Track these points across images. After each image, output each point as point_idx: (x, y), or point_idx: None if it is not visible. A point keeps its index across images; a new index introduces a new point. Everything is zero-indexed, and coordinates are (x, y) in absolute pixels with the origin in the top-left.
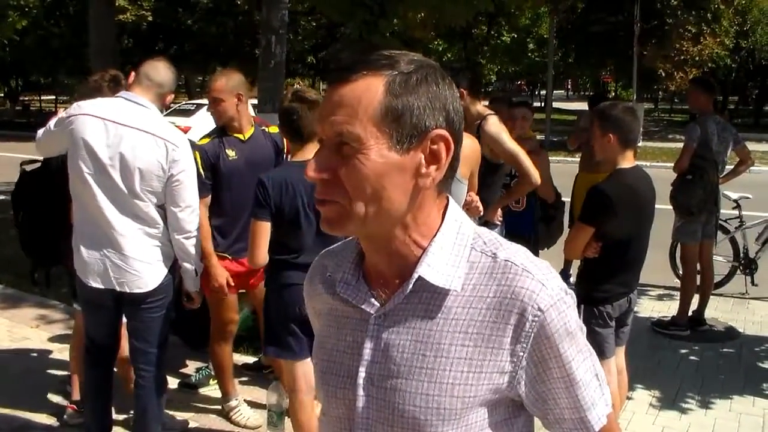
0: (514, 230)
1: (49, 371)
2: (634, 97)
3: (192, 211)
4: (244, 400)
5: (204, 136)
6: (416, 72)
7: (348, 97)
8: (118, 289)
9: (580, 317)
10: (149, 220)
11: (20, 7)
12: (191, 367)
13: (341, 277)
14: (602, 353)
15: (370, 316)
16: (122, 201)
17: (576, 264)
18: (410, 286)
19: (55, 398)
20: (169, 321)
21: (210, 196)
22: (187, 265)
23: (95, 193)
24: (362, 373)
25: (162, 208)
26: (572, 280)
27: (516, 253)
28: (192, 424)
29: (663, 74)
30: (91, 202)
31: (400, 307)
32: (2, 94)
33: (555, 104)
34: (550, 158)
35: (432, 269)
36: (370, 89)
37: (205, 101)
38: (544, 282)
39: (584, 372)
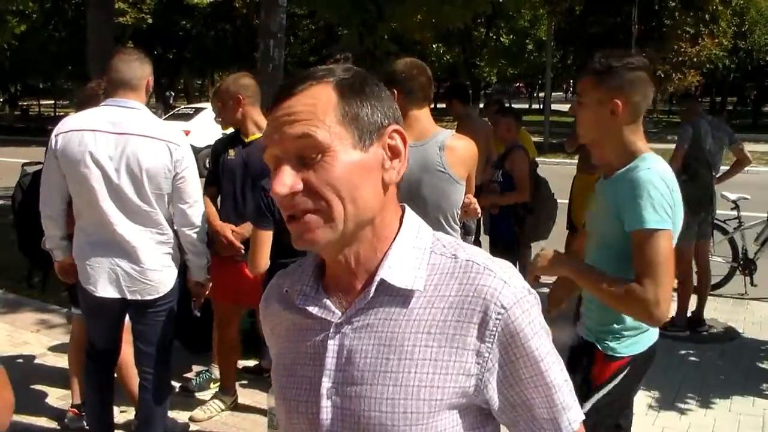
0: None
1: (49, 376)
2: None
3: (198, 205)
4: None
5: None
6: (355, 77)
7: (301, 107)
8: (129, 297)
9: None
10: (159, 228)
11: (19, 12)
12: (192, 371)
13: (299, 290)
14: None
15: (331, 324)
16: (132, 210)
17: None
18: (372, 290)
19: (56, 402)
20: (173, 323)
21: (214, 189)
22: (196, 258)
23: (104, 206)
24: (326, 383)
25: (169, 209)
26: None
27: (477, 253)
28: (193, 427)
29: (661, 75)
30: (101, 214)
31: (362, 312)
32: (1, 100)
33: (554, 106)
34: (549, 160)
35: (393, 271)
36: (322, 96)
37: (203, 105)
38: (507, 280)
39: (555, 374)
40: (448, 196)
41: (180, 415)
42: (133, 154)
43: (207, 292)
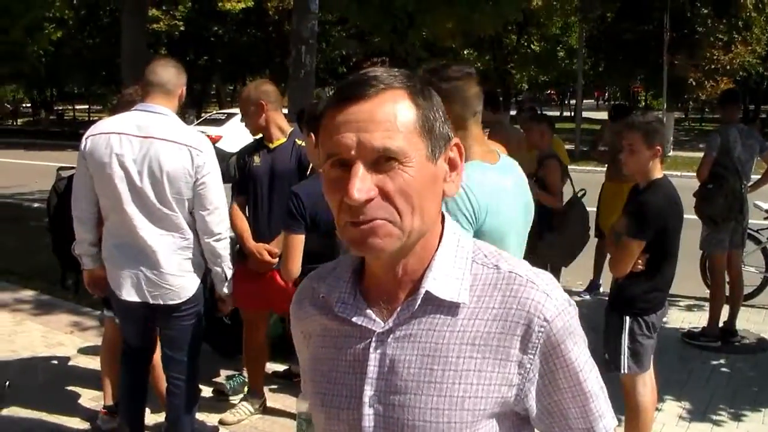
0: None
1: (82, 377)
2: (664, 107)
3: (219, 212)
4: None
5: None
6: (421, 84)
7: (380, 112)
8: (151, 301)
9: (625, 330)
10: (180, 232)
11: (56, 19)
12: (222, 374)
13: (338, 297)
14: (642, 365)
15: (373, 333)
16: (154, 214)
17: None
18: (418, 301)
19: (88, 403)
20: (201, 329)
21: (243, 198)
22: (217, 269)
23: (127, 209)
24: (368, 392)
25: (192, 215)
26: (601, 290)
27: (518, 264)
28: (222, 430)
29: (693, 83)
30: (124, 217)
31: (405, 323)
32: (38, 103)
33: (585, 113)
34: (580, 168)
35: (438, 283)
36: (398, 102)
37: (235, 110)
38: (549, 293)
39: (592, 383)
40: None
41: (209, 418)
42: (155, 157)
43: (228, 307)
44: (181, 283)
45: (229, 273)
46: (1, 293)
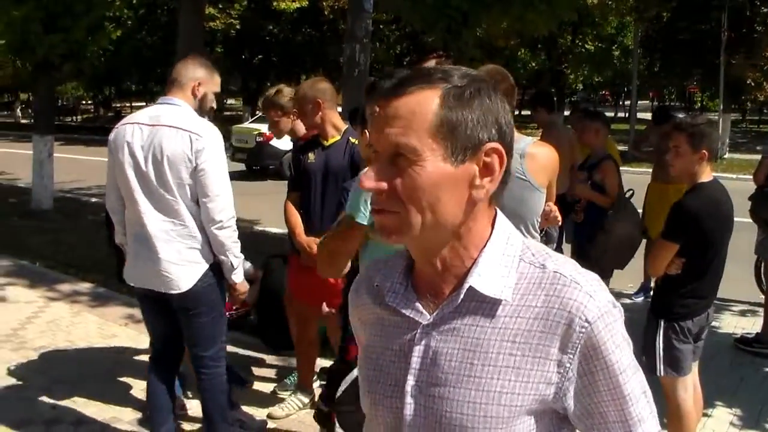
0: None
1: (135, 368)
2: (721, 108)
3: (221, 200)
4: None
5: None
6: (470, 86)
7: (403, 110)
8: (155, 289)
9: (659, 333)
10: (180, 219)
11: (116, 19)
12: (271, 369)
13: (389, 287)
14: (681, 370)
15: (419, 324)
16: (157, 199)
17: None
18: (461, 296)
19: (140, 394)
20: (221, 324)
21: (297, 194)
22: (223, 257)
23: (136, 196)
24: (410, 381)
25: (198, 205)
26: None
27: (564, 264)
28: (270, 425)
29: (752, 84)
30: (134, 205)
31: (449, 316)
32: (99, 98)
33: (639, 114)
34: (633, 170)
35: (482, 279)
36: (424, 102)
37: None
38: (592, 294)
39: (632, 387)
40: (527, 204)
41: (258, 412)
42: (158, 142)
43: (239, 297)
44: (178, 271)
45: (236, 262)
46: (60, 285)
